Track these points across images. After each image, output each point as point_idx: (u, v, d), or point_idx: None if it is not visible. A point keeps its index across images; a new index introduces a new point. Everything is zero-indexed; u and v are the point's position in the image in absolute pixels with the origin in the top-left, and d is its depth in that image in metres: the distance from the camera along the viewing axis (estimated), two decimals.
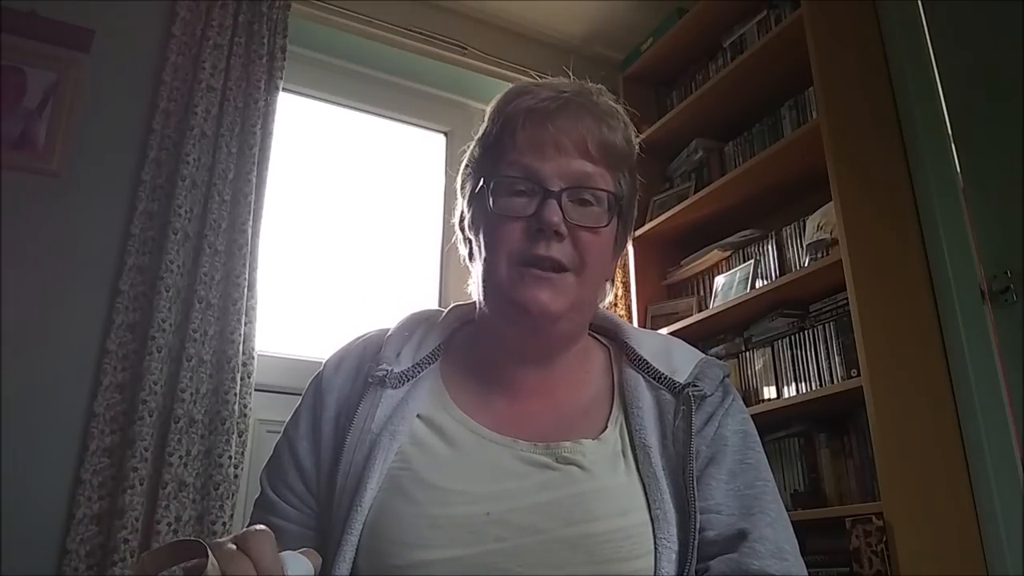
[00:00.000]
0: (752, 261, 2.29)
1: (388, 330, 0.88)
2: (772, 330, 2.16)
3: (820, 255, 2.00)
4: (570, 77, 0.88)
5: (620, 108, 0.84)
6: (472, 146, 0.87)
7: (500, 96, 0.84)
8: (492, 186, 0.78)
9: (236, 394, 1.88)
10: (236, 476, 1.86)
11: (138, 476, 1.72)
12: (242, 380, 1.91)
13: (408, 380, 0.81)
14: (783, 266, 2.20)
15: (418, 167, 2.74)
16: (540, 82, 0.83)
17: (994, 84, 1.97)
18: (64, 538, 1.68)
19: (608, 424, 0.79)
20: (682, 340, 0.91)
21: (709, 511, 0.73)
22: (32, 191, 1.90)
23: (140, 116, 2.05)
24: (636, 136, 0.85)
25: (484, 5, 2.74)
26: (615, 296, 2.64)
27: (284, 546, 0.60)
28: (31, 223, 1.88)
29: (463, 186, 0.87)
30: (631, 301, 2.59)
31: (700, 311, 2.36)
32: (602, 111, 0.81)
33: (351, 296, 2.46)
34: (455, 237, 0.90)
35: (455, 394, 0.81)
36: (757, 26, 2.38)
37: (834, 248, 1.95)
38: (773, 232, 2.27)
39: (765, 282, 2.20)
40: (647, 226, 2.57)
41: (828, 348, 1.97)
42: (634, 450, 0.76)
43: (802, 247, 2.13)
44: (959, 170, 1.95)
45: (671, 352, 0.85)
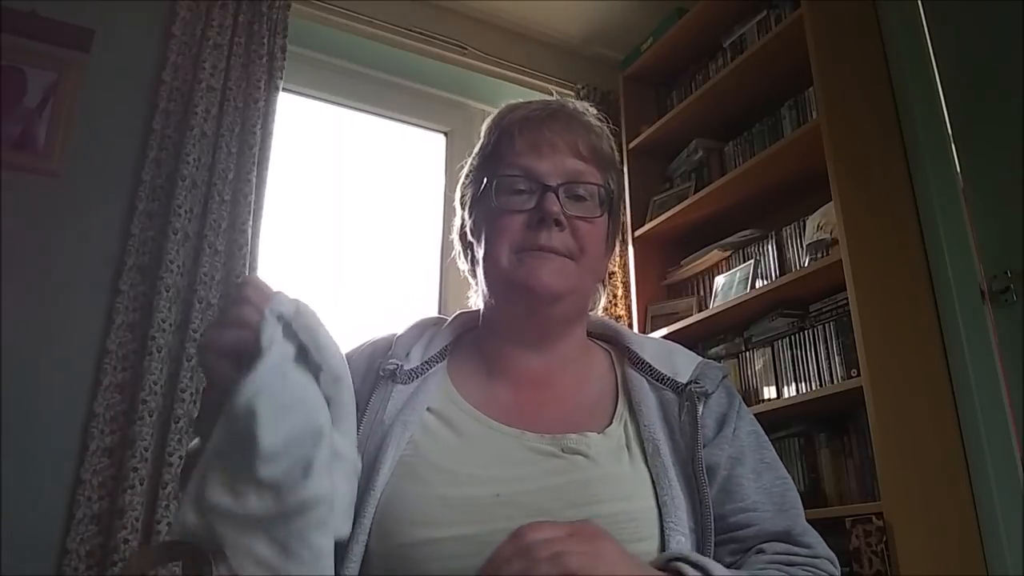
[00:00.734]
0: (752, 261, 2.29)
1: (396, 333, 0.91)
2: (772, 330, 2.16)
3: (820, 255, 2.00)
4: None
5: (604, 122, 0.92)
6: (470, 160, 0.93)
7: (495, 113, 0.91)
8: (495, 185, 0.83)
9: None
10: None
11: (138, 476, 1.72)
12: None
13: (417, 377, 0.84)
14: (783, 266, 2.20)
15: (418, 167, 2.74)
16: (530, 100, 0.90)
17: (994, 84, 1.97)
18: (64, 538, 1.69)
19: (613, 420, 0.82)
20: (682, 340, 0.95)
21: (747, 510, 0.78)
22: (32, 191, 1.90)
23: (140, 116, 2.05)
24: (615, 151, 0.92)
25: (484, 5, 2.74)
26: (615, 296, 2.65)
27: None
28: (31, 223, 1.88)
29: (462, 197, 0.92)
30: (631, 301, 2.59)
31: (700, 311, 2.36)
32: (588, 121, 0.89)
33: (351, 295, 2.46)
34: (455, 251, 0.95)
35: (463, 390, 0.84)
36: (757, 26, 2.38)
37: (834, 248, 1.95)
38: (773, 232, 2.27)
39: (765, 282, 2.20)
40: (647, 226, 2.57)
41: (828, 348, 1.97)
42: (641, 444, 0.79)
43: (802, 247, 2.13)
44: (959, 170, 1.95)
45: (672, 355, 0.89)
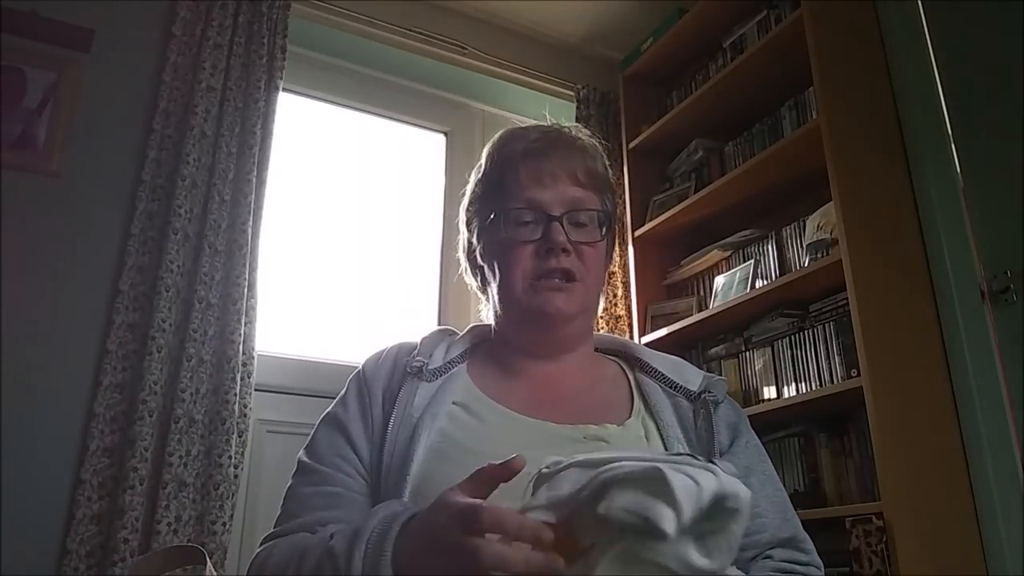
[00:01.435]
0: (752, 261, 2.29)
1: (417, 341, 0.98)
2: (772, 330, 2.16)
3: (820, 255, 2.00)
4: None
5: (596, 141, 0.98)
6: (473, 185, 0.99)
7: (495, 140, 0.97)
8: (503, 218, 0.90)
9: (236, 394, 1.88)
10: (236, 476, 1.86)
11: (138, 476, 1.72)
12: (242, 380, 1.91)
13: (441, 375, 0.90)
14: (783, 266, 2.20)
15: (418, 167, 2.74)
16: (526, 126, 0.97)
17: (994, 84, 1.97)
18: (64, 538, 1.68)
19: (631, 415, 0.88)
20: (682, 340, 0.98)
21: (759, 516, 0.83)
22: (32, 191, 1.90)
23: (140, 116, 2.05)
24: (608, 168, 0.99)
25: (484, 5, 2.74)
26: (615, 296, 2.65)
27: (345, 512, 0.77)
28: (31, 223, 1.88)
29: (469, 222, 0.98)
30: (631, 301, 2.59)
31: (700, 311, 2.36)
32: (584, 145, 0.95)
33: (351, 295, 2.46)
34: (462, 268, 1.02)
35: (484, 388, 0.90)
36: (757, 26, 2.38)
37: (834, 248, 1.95)
38: (773, 232, 2.27)
39: (765, 282, 2.19)
40: (647, 226, 2.57)
41: (828, 348, 1.97)
42: (661, 438, 0.85)
43: (802, 247, 2.13)
44: (959, 170, 1.95)
45: (680, 367, 0.95)
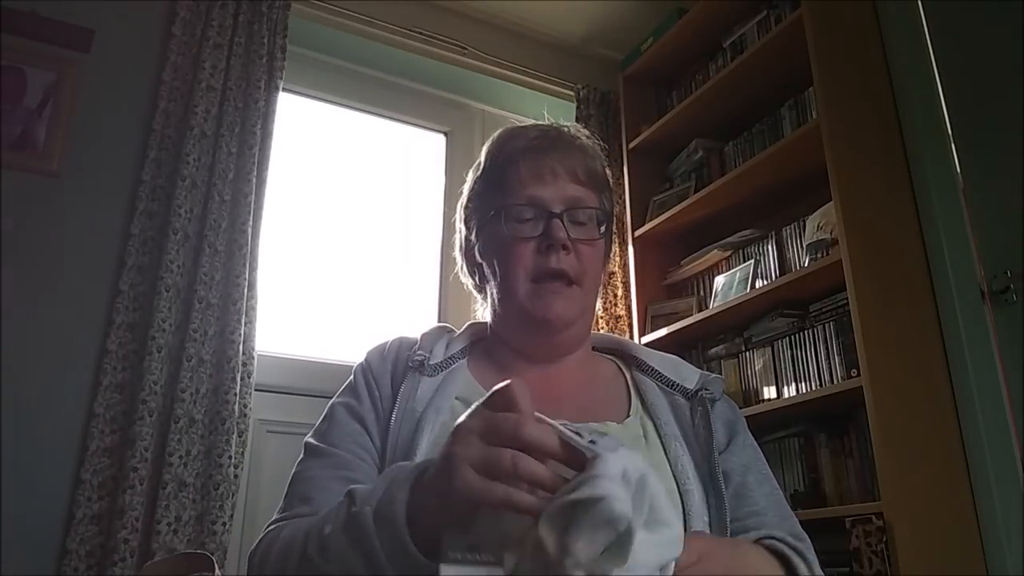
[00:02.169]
0: (752, 261, 2.29)
1: (416, 336, 0.98)
2: (772, 330, 2.16)
3: (820, 255, 2.00)
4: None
5: (594, 141, 0.99)
6: (472, 183, 0.98)
7: (494, 138, 0.97)
8: (504, 215, 0.89)
9: (236, 394, 1.88)
10: (236, 476, 1.86)
11: (138, 476, 1.72)
12: (242, 380, 1.91)
13: (442, 370, 0.91)
14: (783, 266, 2.20)
15: (418, 167, 2.74)
16: (525, 125, 0.97)
17: (994, 84, 1.97)
18: (64, 538, 1.69)
19: (630, 414, 0.88)
20: (682, 340, 0.98)
21: (759, 513, 0.83)
22: (32, 191, 1.90)
23: (140, 116, 2.06)
24: (606, 168, 0.99)
25: (484, 5, 2.74)
26: (615, 296, 2.65)
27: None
28: (31, 223, 1.88)
29: (468, 219, 0.98)
30: (631, 301, 2.59)
31: (700, 311, 2.36)
32: (583, 144, 0.95)
33: (351, 295, 2.46)
34: (458, 266, 1.01)
35: (484, 385, 0.89)
36: (757, 26, 2.38)
37: (834, 248, 1.95)
38: (773, 232, 2.27)
39: (765, 282, 2.19)
40: (647, 226, 2.57)
41: (828, 348, 1.97)
42: (660, 437, 0.85)
43: (802, 247, 2.13)
44: (959, 170, 1.95)
45: (677, 365, 0.96)
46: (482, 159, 0.98)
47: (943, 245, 1.92)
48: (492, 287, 0.93)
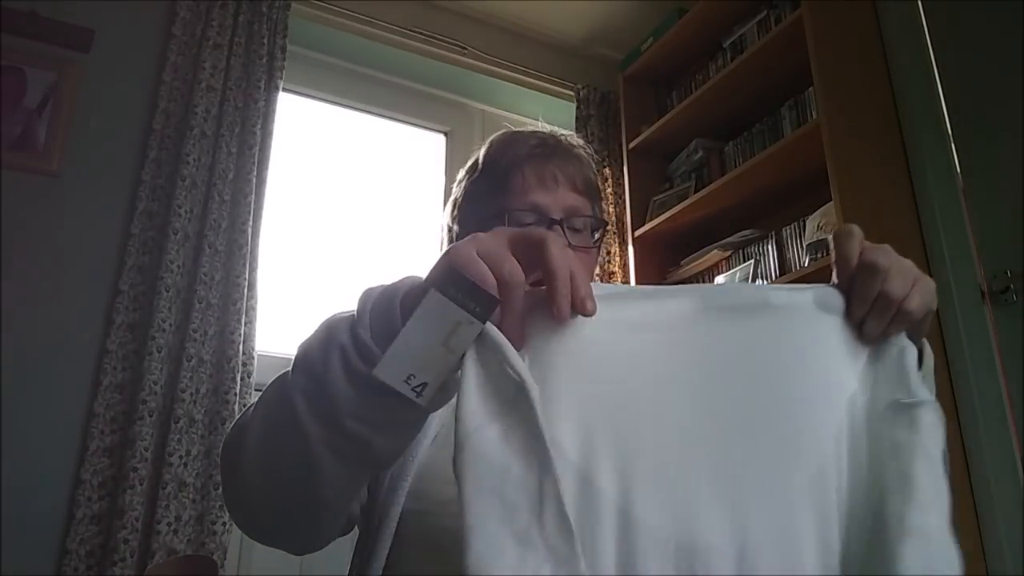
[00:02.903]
0: (752, 261, 2.29)
1: None
2: None
3: (820, 255, 2.00)
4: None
5: (588, 150, 1.02)
6: (467, 184, 1.00)
7: (493, 142, 0.99)
8: (507, 218, 0.90)
9: (236, 394, 1.88)
10: None
11: (138, 476, 1.72)
12: (242, 380, 1.91)
13: None
14: (783, 266, 2.20)
15: (418, 167, 2.74)
16: (523, 130, 0.99)
17: (994, 84, 1.97)
18: (64, 538, 1.68)
19: None
20: None
21: None
22: (32, 191, 1.90)
23: (140, 116, 2.06)
24: (597, 176, 1.03)
25: (484, 5, 2.74)
26: None
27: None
28: (31, 223, 1.88)
29: (463, 219, 0.98)
30: None
31: None
32: (580, 153, 0.98)
33: (351, 296, 2.46)
34: None
35: None
36: (757, 26, 2.38)
37: None
38: (773, 232, 2.27)
39: (765, 282, 2.20)
40: (647, 226, 2.57)
41: None
42: None
43: (802, 247, 2.13)
44: (959, 170, 1.95)
45: None
46: (479, 161, 0.99)
47: (943, 245, 1.92)
48: None
